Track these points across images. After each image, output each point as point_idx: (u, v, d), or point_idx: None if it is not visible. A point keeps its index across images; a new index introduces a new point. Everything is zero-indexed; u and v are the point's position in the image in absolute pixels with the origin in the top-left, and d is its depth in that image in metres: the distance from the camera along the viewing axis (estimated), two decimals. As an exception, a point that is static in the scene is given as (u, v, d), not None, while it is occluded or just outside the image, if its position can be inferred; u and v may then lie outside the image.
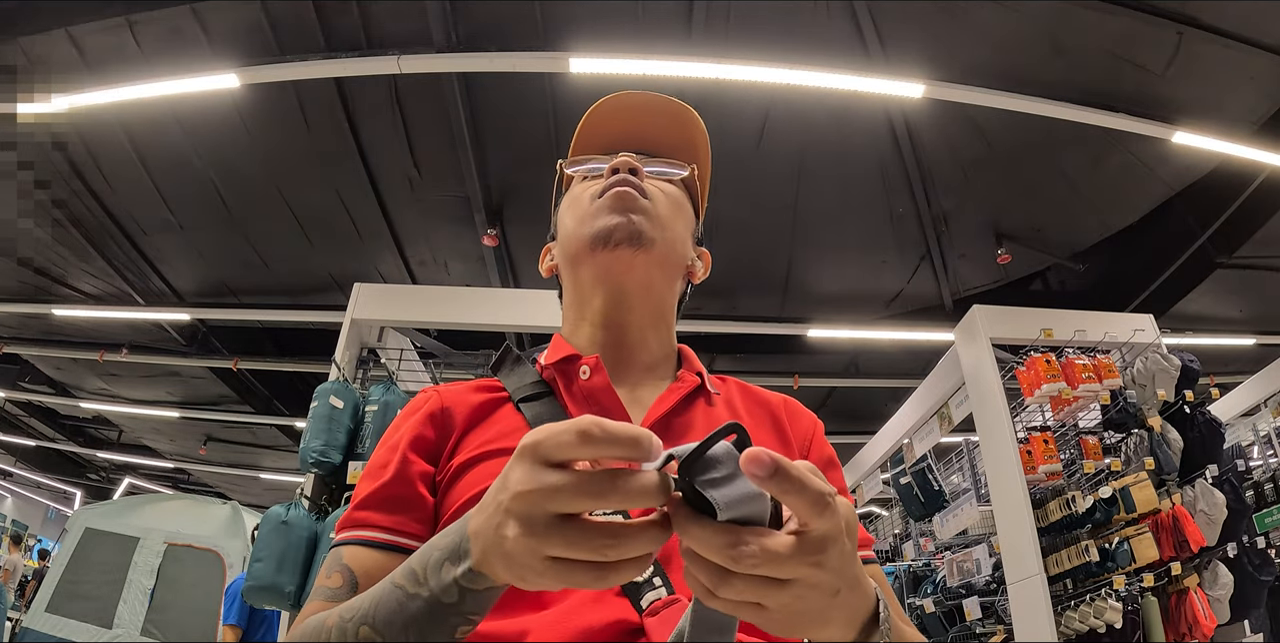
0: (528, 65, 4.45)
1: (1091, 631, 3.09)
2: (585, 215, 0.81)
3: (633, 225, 0.78)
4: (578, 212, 0.82)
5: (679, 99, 0.86)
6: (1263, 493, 3.73)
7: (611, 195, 0.79)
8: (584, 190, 0.83)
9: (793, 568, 0.40)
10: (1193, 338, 6.24)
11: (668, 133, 0.88)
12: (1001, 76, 4.69)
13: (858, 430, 7.80)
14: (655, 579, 0.62)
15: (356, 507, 0.70)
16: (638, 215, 0.78)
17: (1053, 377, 3.52)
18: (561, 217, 0.86)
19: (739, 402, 0.83)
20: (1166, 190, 5.82)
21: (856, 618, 0.46)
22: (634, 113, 0.87)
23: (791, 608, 0.42)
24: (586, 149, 0.88)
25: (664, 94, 0.87)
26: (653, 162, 0.86)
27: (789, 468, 0.39)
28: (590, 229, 0.79)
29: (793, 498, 0.39)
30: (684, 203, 0.86)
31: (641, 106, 0.86)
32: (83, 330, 7.95)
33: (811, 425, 0.84)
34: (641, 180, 0.81)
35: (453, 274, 6.93)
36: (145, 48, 4.88)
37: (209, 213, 6.23)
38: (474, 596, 0.48)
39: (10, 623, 6.78)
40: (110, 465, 13.91)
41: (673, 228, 0.82)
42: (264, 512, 3.04)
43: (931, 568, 5.01)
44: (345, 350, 3.48)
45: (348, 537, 0.68)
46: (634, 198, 0.79)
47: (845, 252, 6.58)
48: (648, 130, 0.87)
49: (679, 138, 0.88)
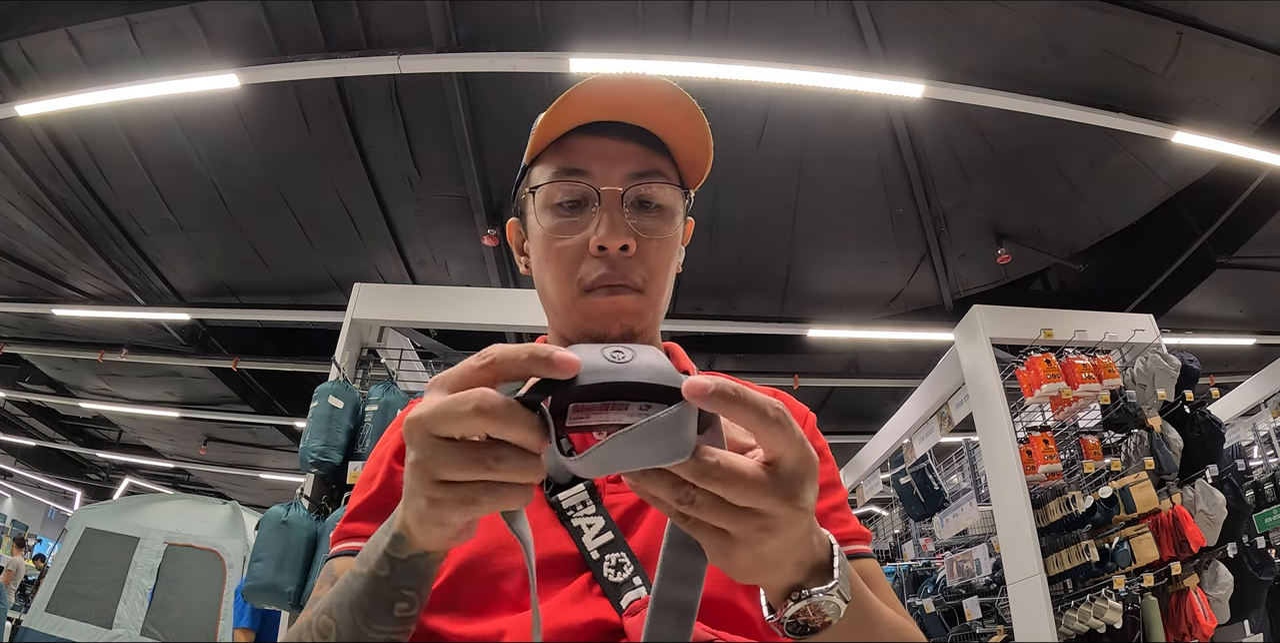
0: (528, 65, 4.45)
1: (1091, 631, 3.10)
2: (566, 289, 0.71)
3: (626, 329, 0.71)
4: (557, 268, 0.72)
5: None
6: (1263, 493, 3.73)
7: (604, 304, 0.70)
8: (559, 233, 0.71)
9: (760, 497, 0.40)
10: (1193, 338, 6.24)
11: (659, 110, 0.72)
12: (1001, 76, 4.69)
13: (858, 430, 7.81)
14: (635, 579, 0.62)
15: (347, 519, 0.71)
16: (630, 318, 0.71)
17: (1053, 377, 3.53)
18: (536, 258, 0.75)
19: None
20: (1166, 190, 5.82)
21: (807, 562, 0.46)
22: (623, 91, 0.71)
23: (759, 542, 0.41)
24: (554, 126, 0.72)
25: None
26: (643, 163, 0.72)
27: (726, 386, 0.38)
28: (577, 328, 0.73)
29: (739, 410, 0.39)
30: (676, 216, 0.74)
31: (631, 90, 0.70)
32: (83, 330, 7.95)
33: (802, 416, 0.82)
34: (634, 244, 0.69)
35: (453, 274, 6.93)
36: (145, 48, 4.87)
37: (209, 213, 6.23)
38: (402, 566, 0.49)
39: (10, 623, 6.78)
40: (110, 465, 13.91)
41: (666, 275, 0.74)
42: (264, 512, 3.05)
43: (931, 568, 5.02)
44: (345, 350, 3.48)
45: (340, 549, 0.69)
46: (628, 302, 0.70)
47: (845, 252, 6.58)
48: (637, 105, 0.71)
49: (679, 120, 0.72)
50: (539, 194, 0.73)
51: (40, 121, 5.23)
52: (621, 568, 0.63)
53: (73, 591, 5.90)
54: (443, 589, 0.63)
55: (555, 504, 0.67)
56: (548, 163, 0.73)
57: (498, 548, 0.64)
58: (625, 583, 0.62)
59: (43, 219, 6.29)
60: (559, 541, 0.65)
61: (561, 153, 0.73)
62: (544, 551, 0.64)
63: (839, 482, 0.79)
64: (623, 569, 0.63)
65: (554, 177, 0.72)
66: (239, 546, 5.97)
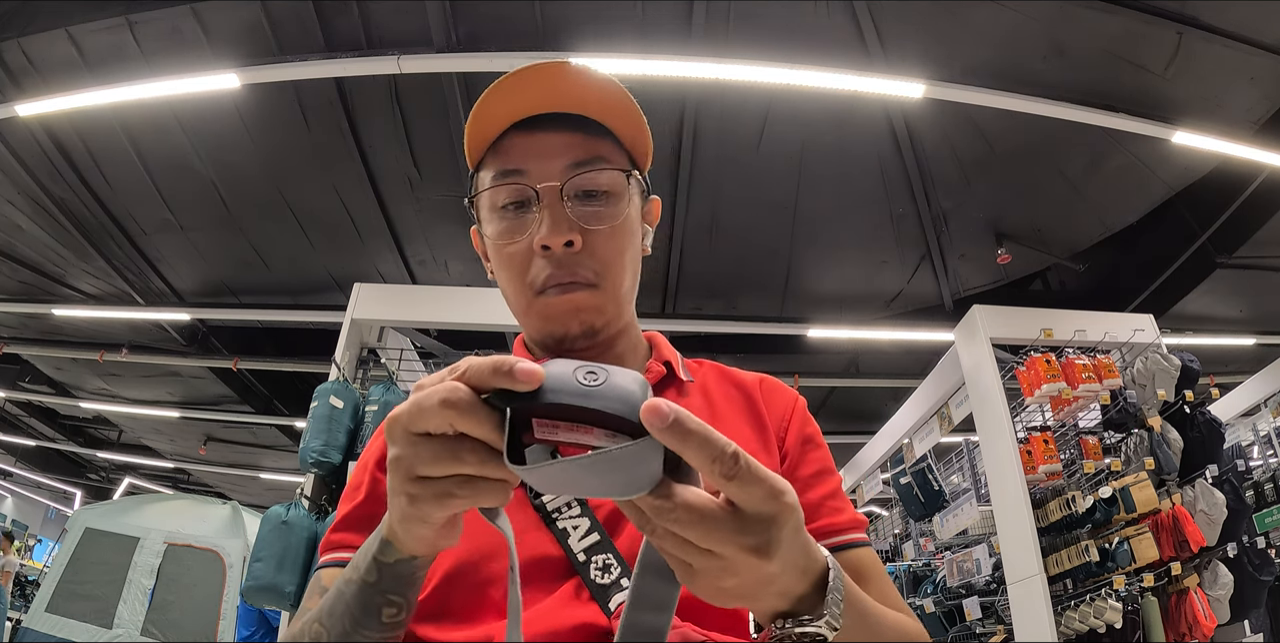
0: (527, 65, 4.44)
1: (1091, 631, 3.10)
2: (520, 294, 0.71)
3: (586, 326, 0.71)
4: (509, 272, 0.71)
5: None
6: (1263, 493, 3.73)
7: (558, 303, 0.69)
8: (505, 237, 0.70)
9: (719, 540, 0.39)
10: (1193, 338, 6.24)
11: (589, 95, 0.70)
12: (1001, 76, 4.69)
13: (858, 430, 7.81)
14: (623, 580, 0.62)
15: (334, 529, 0.71)
16: (588, 315, 0.70)
17: (1053, 377, 3.52)
18: (493, 264, 0.75)
19: (714, 387, 0.80)
20: (1166, 190, 5.82)
21: (792, 591, 0.44)
22: (547, 82, 0.69)
23: (721, 579, 0.41)
24: (488, 128, 0.71)
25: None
26: (582, 151, 0.70)
27: (686, 420, 0.37)
28: (539, 330, 0.72)
29: (692, 451, 0.37)
30: (622, 200, 0.72)
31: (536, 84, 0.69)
32: (83, 330, 7.95)
33: (790, 402, 0.80)
34: (579, 238, 0.68)
35: (453, 274, 6.93)
36: (145, 48, 4.87)
37: (209, 213, 6.23)
38: (389, 570, 0.50)
39: (10, 623, 6.78)
40: (110, 465, 13.90)
41: (622, 265, 0.72)
42: (264, 512, 3.04)
43: (931, 568, 5.01)
44: (345, 350, 3.48)
45: (327, 559, 0.69)
46: (582, 299, 0.69)
47: (845, 252, 6.58)
48: (565, 93, 0.70)
49: (611, 102, 0.71)
50: (483, 200, 0.73)
51: (40, 121, 5.22)
52: (609, 570, 0.62)
53: (73, 591, 5.89)
54: (431, 598, 0.63)
55: (540, 507, 0.66)
56: (488, 166, 0.72)
57: (484, 556, 0.63)
58: (613, 584, 0.62)
59: (43, 219, 6.28)
60: (544, 544, 0.65)
61: (499, 155, 0.71)
62: (529, 554, 0.64)
63: (833, 468, 0.77)
64: (610, 571, 0.62)
65: (492, 180, 0.71)
66: (239, 546, 5.97)
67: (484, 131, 0.71)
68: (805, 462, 0.75)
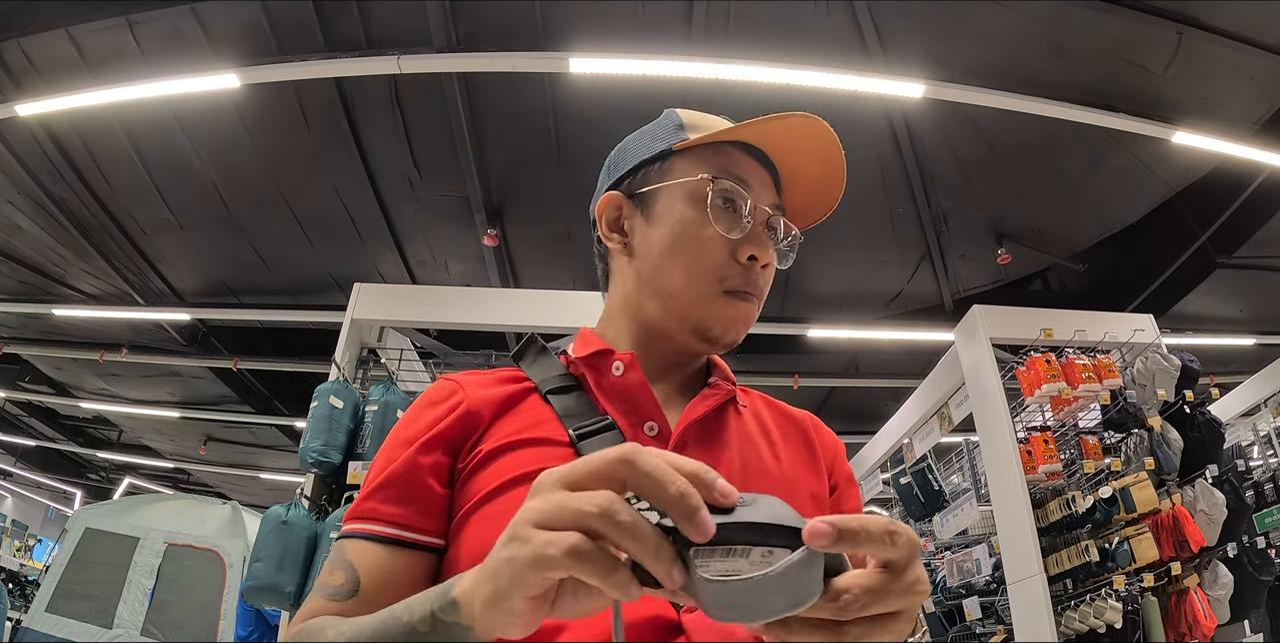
0: (528, 65, 4.45)
1: (1091, 631, 3.09)
2: (703, 285, 0.74)
3: (739, 336, 0.77)
4: (697, 261, 0.74)
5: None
6: (1263, 493, 3.73)
7: (739, 308, 0.76)
8: (710, 226, 0.74)
9: (897, 599, 0.41)
10: (1193, 338, 6.24)
11: (811, 166, 0.80)
12: (1001, 76, 4.69)
13: (858, 430, 7.80)
14: None
15: (365, 497, 0.68)
16: (744, 327, 0.78)
17: (1053, 377, 3.52)
18: (661, 244, 0.76)
19: (767, 416, 0.83)
20: (1166, 190, 5.82)
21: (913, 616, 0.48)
22: (807, 135, 0.77)
23: (900, 632, 0.43)
24: (741, 134, 0.77)
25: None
26: (778, 197, 0.81)
27: (845, 523, 0.39)
28: (693, 321, 0.75)
29: (870, 546, 0.40)
30: None
31: (818, 143, 0.78)
32: (83, 330, 7.95)
33: (835, 445, 0.86)
34: (772, 264, 0.78)
35: (453, 274, 6.93)
36: (145, 48, 4.88)
37: (209, 213, 6.23)
38: (444, 628, 0.47)
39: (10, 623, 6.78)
40: (110, 465, 13.91)
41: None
42: (264, 512, 3.04)
43: (931, 568, 5.01)
44: (345, 350, 3.47)
45: (353, 529, 0.66)
46: (751, 312, 0.77)
47: (845, 252, 6.58)
48: (800, 151, 0.79)
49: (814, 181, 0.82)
50: (693, 185, 0.75)
51: (40, 121, 5.23)
52: None
53: (73, 591, 5.89)
54: None
55: None
56: (706, 162, 0.76)
57: None
58: None
59: (43, 219, 6.29)
60: None
61: (722, 157, 0.76)
62: None
63: (862, 506, 0.85)
64: None
65: (725, 176, 0.75)
66: (239, 546, 5.97)
67: (730, 134, 0.76)
68: (848, 497, 0.82)
